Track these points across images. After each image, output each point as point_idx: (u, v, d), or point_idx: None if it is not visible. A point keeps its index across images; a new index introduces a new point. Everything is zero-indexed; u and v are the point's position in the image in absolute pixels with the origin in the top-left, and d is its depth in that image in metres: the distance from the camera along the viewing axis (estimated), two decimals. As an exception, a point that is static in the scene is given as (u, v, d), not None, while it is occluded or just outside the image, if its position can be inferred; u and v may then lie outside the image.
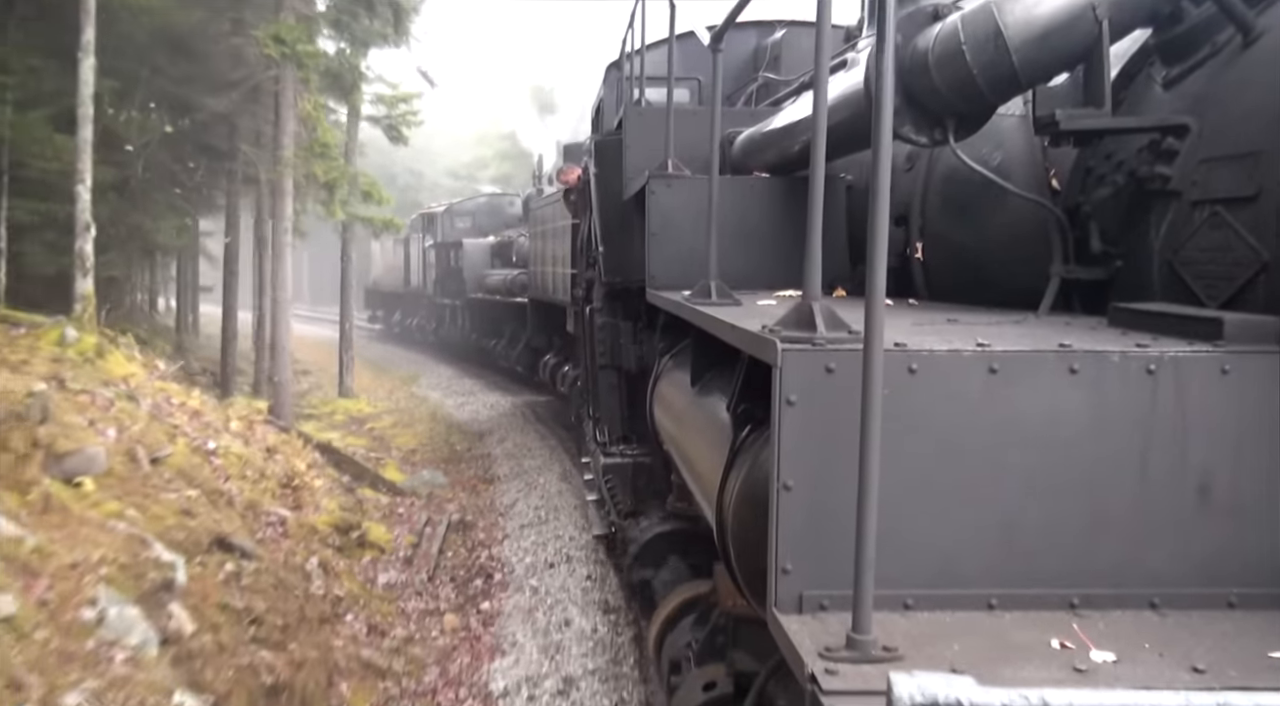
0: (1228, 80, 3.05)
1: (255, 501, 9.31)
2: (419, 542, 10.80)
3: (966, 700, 1.61)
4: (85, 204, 11.54)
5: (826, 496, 2.30)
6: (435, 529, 11.34)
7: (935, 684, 1.64)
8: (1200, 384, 2.36)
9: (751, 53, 8.86)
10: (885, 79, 2.20)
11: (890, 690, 1.63)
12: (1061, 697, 1.60)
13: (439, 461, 15.61)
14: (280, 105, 16.40)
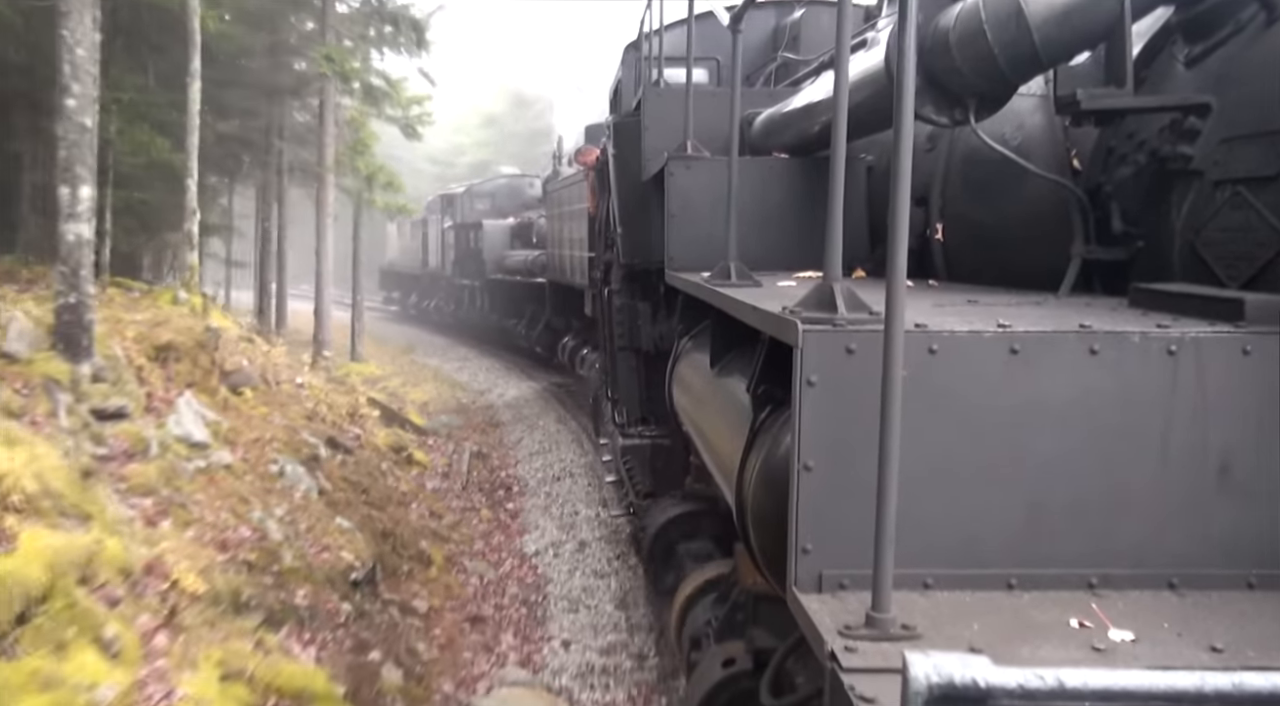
0: (1250, 58, 3.03)
1: (337, 421, 12.62)
2: (450, 464, 13.70)
3: (983, 680, 1.61)
4: (193, 195, 13.58)
5: (846, 476, 2.31)
6: (461, 454, 14.30)
7: (951, 664, 1.63)
8: (1221, 364, 2.36)
9: (771, 33, 8.81)
10: (907, 59, 2.20)
11: (905, 670, 1.63)
12: (1077, 677, 1.61)
13: (449, 411, 18.30)
14: (324, 111, 19.23)
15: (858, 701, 1.86)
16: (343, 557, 7.90)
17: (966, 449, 2.35)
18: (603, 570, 9.30)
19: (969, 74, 3.41)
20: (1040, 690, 1.59)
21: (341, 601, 7.18)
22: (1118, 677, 1.63)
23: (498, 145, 52.65)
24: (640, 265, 7.09)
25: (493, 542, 10.47)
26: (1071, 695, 1.61)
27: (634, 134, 6.79)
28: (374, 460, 11.63)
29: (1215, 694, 1.60)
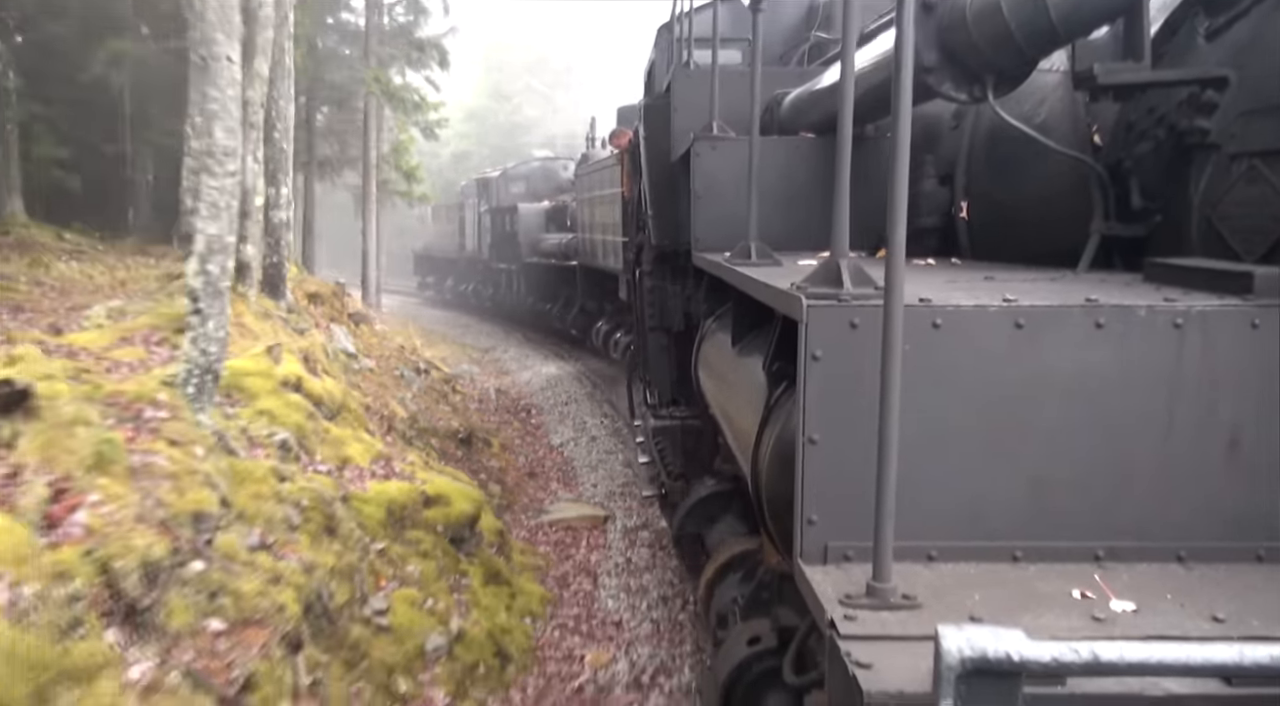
0: (1269, 31, 3.00)
1: (407, 358, 16.48)
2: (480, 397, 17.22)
3: (1016, 653, 1.61)
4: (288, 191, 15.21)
5: (851, 449, 2.34)
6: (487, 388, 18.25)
7: (984, 637, 1.62)
8: (1229, 338, 2.36)
9: (805, 12, 8.76)
10: (905, 36, 2.21)
11: (938, 643, 1.64)
12: (1113, 650, 1.60)
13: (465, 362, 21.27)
14: (368, 119, 24.55)
15: (854, 667, 1.90)
16: (452, 424, 12.65)
17: (971, 422, 2.37)
18: (612, 449, 13.29)
19: (987, 50, 3.41)
20: (1075, 663, 1.59)
21: (456, 449, 11.55)
22: (1153, 650, 1.62)
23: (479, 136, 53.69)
24: (670, 247, 7.12)
25: (527, 440, 14.46)
26: (1106, 668, 1.61)
27: (664, 115, 6.80)
28: (440, 385, 15.88)
29: (1255, 666, 1.59)
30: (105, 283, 13.15)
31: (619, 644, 7.01)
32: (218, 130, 7.00)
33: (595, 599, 7.98)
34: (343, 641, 5.35)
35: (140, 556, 4.41)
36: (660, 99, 7.31)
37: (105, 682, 3.79)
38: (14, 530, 4.05)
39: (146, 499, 4.89)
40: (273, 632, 4.75)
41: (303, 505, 6.17)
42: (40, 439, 4.87)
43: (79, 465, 4.80)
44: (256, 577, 5.01)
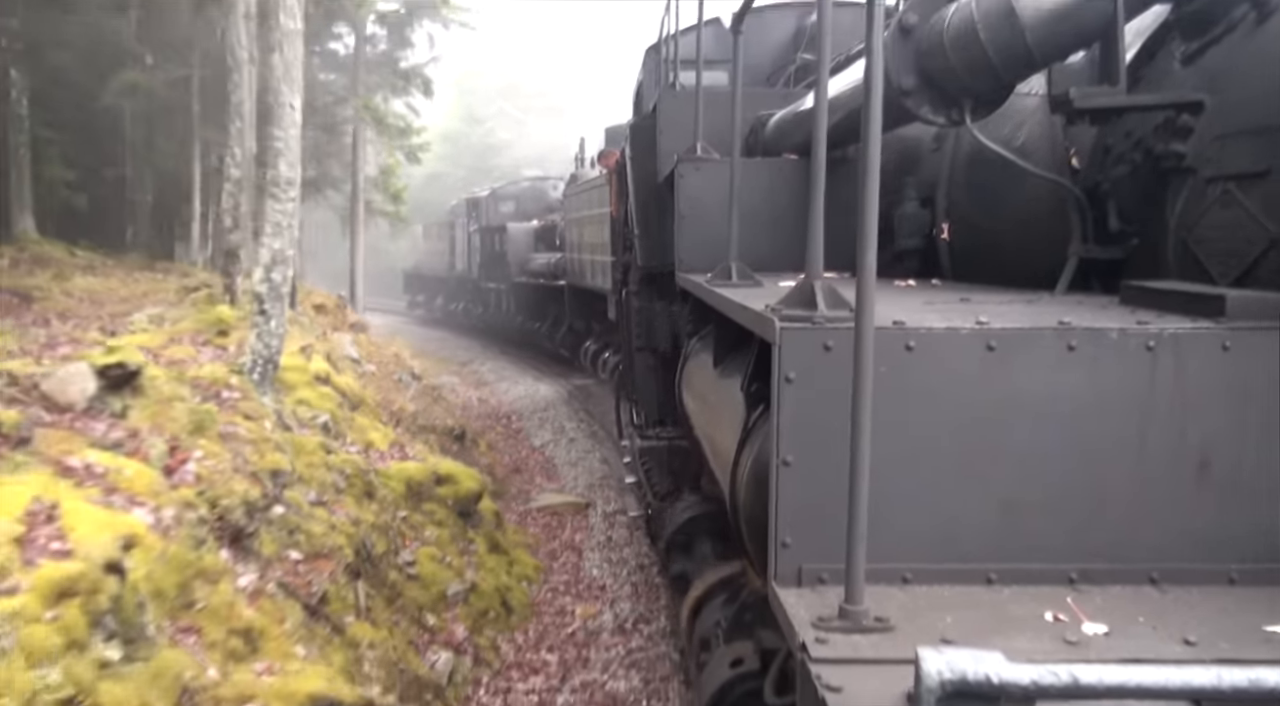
0: (1243, 56, 3.03)
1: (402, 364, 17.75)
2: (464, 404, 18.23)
3: (995, 676, 1.60)
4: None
5: (826, 472, 2.34)
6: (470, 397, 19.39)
7: (964, 660, 1.62)
8: (1201, 360, 2.37)
9: (792, 34, 8.81)
10: (874, 58, 2.23)
11: (918, 665, 1.64)
12: (1092, 673, 1.60)
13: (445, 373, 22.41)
14: (356, 143, 25.23)
15: (824, 691, 1.90)
16: (446, 422, 13.77)
17: (945, 445, 2.38)
18: (589, 449, 14.43)
19: (964, 74, 3.44)
20: (1054, 686, 1.58)
21: (451, 444, 12.48)
22: (1131, 673, 1.61)
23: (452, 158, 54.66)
24: (657, 267, 7.13)
25: (510, 441, 15.56)
26: (1085, 691, 1.60)
27: (650, 136, 6.84)
28: (430, 390, 17.10)
29: (1232, 689, 1.59)
30: (127, 294, 14.17)
31: (604, 601, 8.22)
32: (281, 164, 8.42)
33: (581, 568, 9.18)
34: (383, 582, 6.72)
35: (240, 497, 5.84)
36: (647, 120, 7.34)
37: (224, 585, 5.15)
38: (148, 473, 5.46)
39: (236, 457, 6.36)
40: (337, 564, 6.15)
41: (346, 473, 7.62)
42: (148, 410, 6.29)
43: (182, 430, 6.26)
44: (319, 524, 6.44)
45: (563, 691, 6.59)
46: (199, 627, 4.77)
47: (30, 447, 5.23)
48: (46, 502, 4.59)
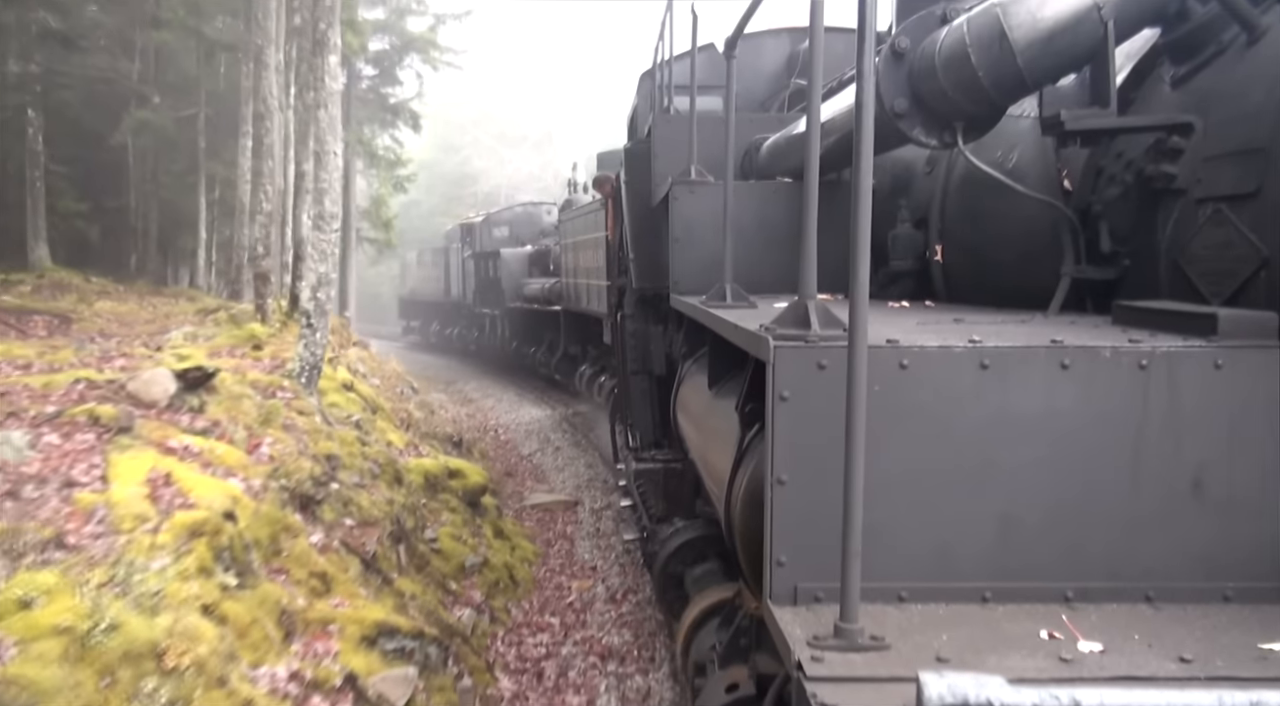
0: (1232, 78, 3.07)
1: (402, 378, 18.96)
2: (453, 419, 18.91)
3: (997, 700, 1.60)
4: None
5: (820, 490, 2.34)
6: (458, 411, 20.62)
7: (965, 683, 1.61)
8: (1193, 379, 2.38)
9: (785, 59, 8.88)
10: (866, 81, 2.25)
11: (920, 690, 1.63)
12: (1093, 696, 1.59)
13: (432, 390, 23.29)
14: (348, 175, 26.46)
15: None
16: (446, 430, 15.06)
17: (939, 463, 2.38)
18: (574, 456, 15.51)
19: (955, 96, 3.46)
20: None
21: (451, 449, 13.26)
22: (1133, 696, 1.60)
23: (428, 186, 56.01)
24: (651, 290, 7.15)
25: (500, 450, 16.48)
26: None
27: (645, 160, 6.87)
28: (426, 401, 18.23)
29: None
30: (150, 316, 15.43)
31: (596, 578, 9.40)
32: (326, 201, 10.32)
33: (574, 553, 10.41)
34: (414, 553, 7.92)
35: (307, 473, 7.21)
36: (641, 144, 7.38)
37: (301, 540, 6.37)
38: (235, 452, 6.91)
39: (298, 442, 7.84)
40: (382, 530, 7.45)
41: (379, 463, 8.95)
42: (222, 406, 7.71)
43: (253, 421, 7.78)
44: (365, 500, 7.71)
45: (565, 644, 7.77)
46: (287, 569, 6.03)
47: (133, 433, 6.50)
48: (161, 471, 5.97)
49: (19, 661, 3.84)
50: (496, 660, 7.29)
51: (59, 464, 5.76)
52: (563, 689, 6.95)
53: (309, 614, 5.69)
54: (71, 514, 5.11)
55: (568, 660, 7.40)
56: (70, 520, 5.06)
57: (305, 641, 5.50)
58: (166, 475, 5.90)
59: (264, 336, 12.15)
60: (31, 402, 7.02)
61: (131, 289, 19.74)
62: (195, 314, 15.52)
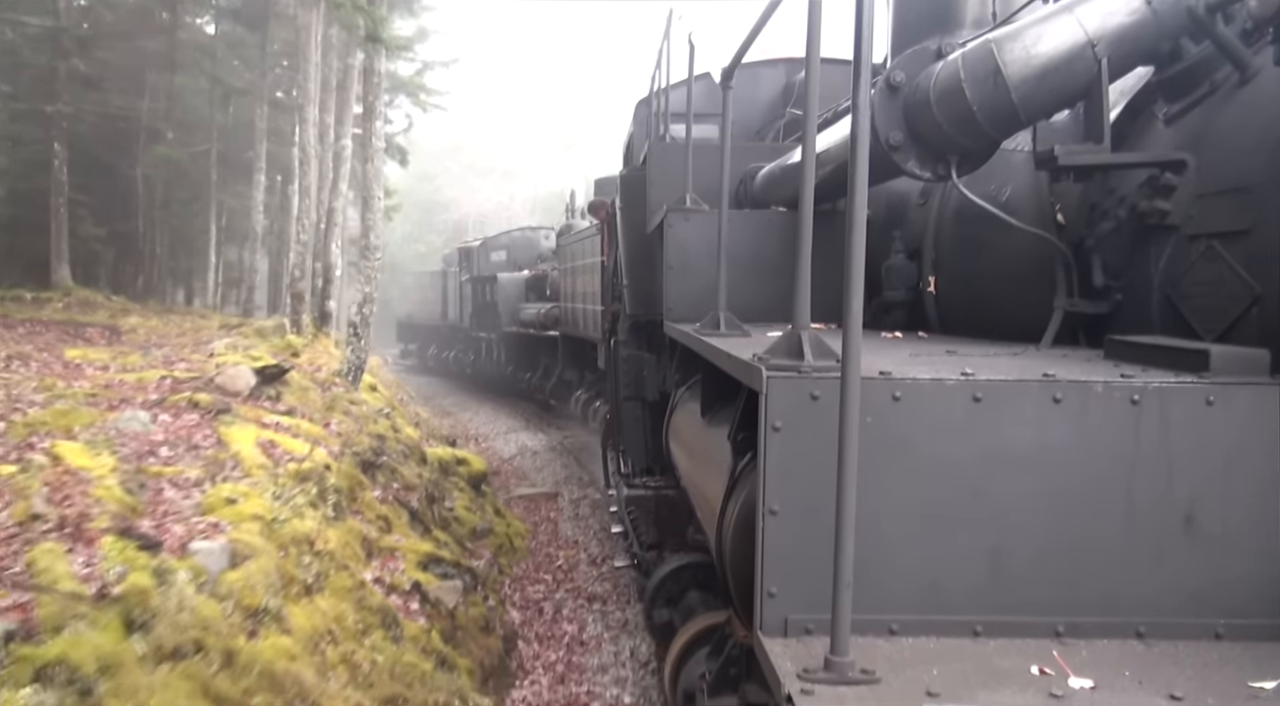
0: (1224, 117, 3.09)
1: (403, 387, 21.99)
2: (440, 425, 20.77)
3: None
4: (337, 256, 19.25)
5: (812, 521, 2.34)
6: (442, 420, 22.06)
7: None
8: (1185, 414, 2.38)
9: (781, 89, 8.94)
10: (860, 115, 2.26)
11: None
12: None
13: None
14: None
15: None
16: (445, 433, 16.96)
17: (931, 495, 2.38)
18: (553, 460, 17.37)
19: (950, 130, 3.48)
20: None
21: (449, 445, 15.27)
22: None
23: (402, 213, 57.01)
24: (645, 316, 7.15)
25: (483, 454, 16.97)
26: None
27: (640, 187, 6.89)
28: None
29: None
30: (180, 329, 16.91)
31: (578, 549, 11.58)
32: (371, 235, 13.65)
33: (559, 531, 12.56)
34: (439, 515, 10.15)
35: (367, 446, 9.76)
36: (637, 171, 7.41)
37: (368, 493, 8.55)
38: (315, 428, 9.19)
39: (356, 424, 10.51)
40: (419, 493, 9.82)
41: (408, 446, 11.52)
42: (294, 396, 10.14)
43: (320, 408, 10.29)
44: (405, 471, 10.15)
45: (558, 592, 9.87)
46: (361, 511, 8.12)
47: (231, 413, 8.36)
48: (265, 438, 8.02)
49: (234, 532, 5.91)
50: (505, 599, 9.35)
51: (179, 434, 7.57)
52: (559, 620, 9.02)
53: (380, 543, 7.81)
54: (208, 463, 7.01)
55: (561, 601, 9.56)
56: (209, 467, 6.98)
57: (380, 560, 7.52)
58: (270, 441, 8.07)
59: (300, 346, 14.63)
60: (135, 393, 8.81)
61: (145, 307, 21.48)
62: (219, 329, 17.10)
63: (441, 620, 7.25)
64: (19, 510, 5.28)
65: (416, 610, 7.12)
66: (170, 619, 4.76)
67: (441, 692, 6.07)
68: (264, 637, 5.26)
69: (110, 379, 9.61)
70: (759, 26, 3.63)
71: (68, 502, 5.55)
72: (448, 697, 6.08)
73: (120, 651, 4.38)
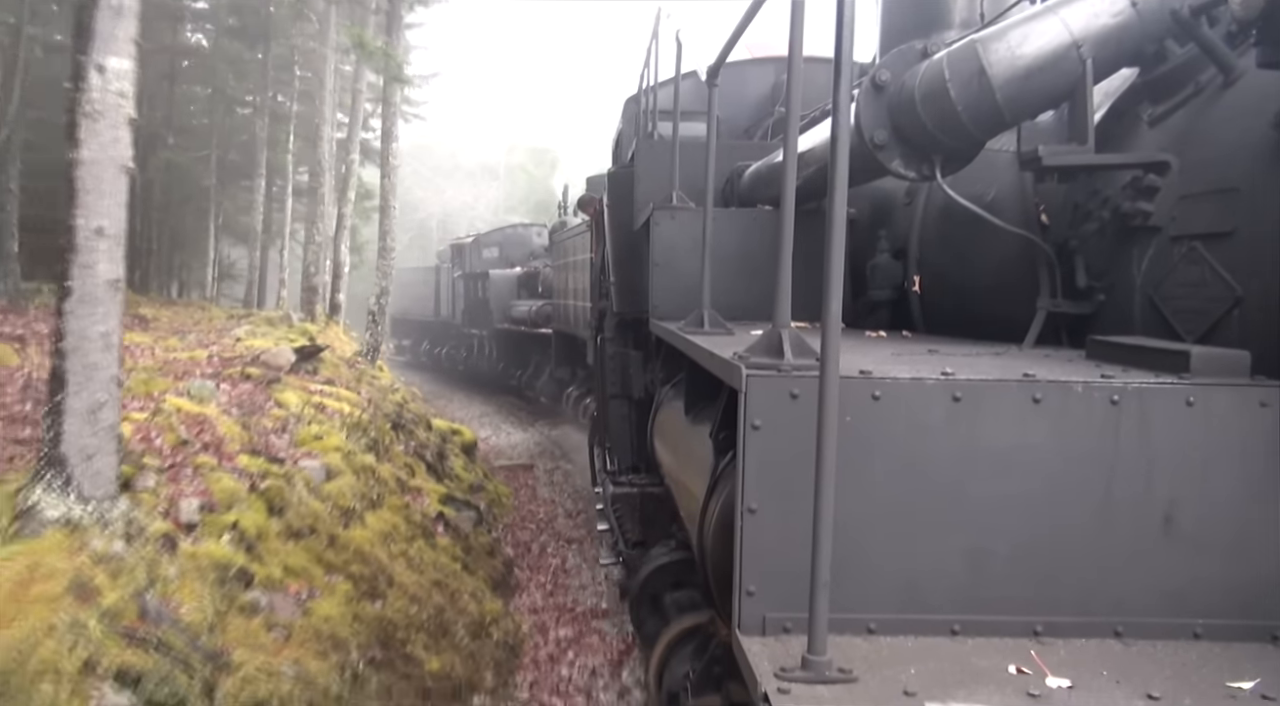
0: (1208, 118, 3.09)
1: None
2: None
3: None
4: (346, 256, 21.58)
5: (791, 520, 2.33)
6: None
7: None
8: (1165, 415, 2.39)
9: (770, 88, 8.94)
10: (841, 114, 2.26)
11: None
12: None
13: None
14: None
15: None
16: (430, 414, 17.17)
17: (910, 494, 2.38)
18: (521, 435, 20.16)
19: (934, 130, 3.48)
20: None
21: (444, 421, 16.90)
22: None
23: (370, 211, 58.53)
24: (632, 314, 7.14)
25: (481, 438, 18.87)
26: None
27: (628, 185, 6.88)
28: None
29: None
30: (195, 320, 18.43)
31: (554, 506, 14.04)
32: (389, 238, 16.42)
33: (536, 494, 15.00)
34: (445, 470, 12.43)
35: (393, 407, 12.45)
36: (625, 169, 7.40)
37: (396, 446, 11.09)
38: (351, 393, 11.49)
39: (379, 393, 12.85)
40: (432, 450, 12.46)
41: (417, 415, 13.91)
42: (328, 370, 12.33)
43: (351, 379, 12.48)
44: (418, 432, 12.77)
45: (541, 536, 12.27)
46: (392, 459, 10.38)
47: (281, 383, 10.33)
48: (315, 402, 10.16)
49: (326, 459, 8.26)
50: (501, 539, 11.50)
51: (243, 397, 9.35)
52: (545, 556, 11.42)
53: (409, 483, 10.12)
54: (277, 417, 8.94)
55: (545, 543, 12.00)
56: (283, 418, 8.97)
57: (410, 496, 9.78)
58: (320, 402, 10.25)
59: (315, 332, 16.46)
60: (192, 368, 10.41)
61: (149, 300, 22.90)
62: (228, 319, 19.02)
63: (460, 540, 9.71)
64: (171, 438, 7.44)
65: (442, 532, 9.60)
66: (295, 509, 7.14)
67: (467, 586, 8.51)
68: (353, 529, 7.73)
69: (163, 358, 11.16)
70: (743, 24, 3.62)
71: (202, 435, 7.83)
72: (473, 589, 8.53)
73: (266, 525, 6.72)
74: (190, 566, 5.71)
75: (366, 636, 6.44)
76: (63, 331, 5.47)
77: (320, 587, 6.64)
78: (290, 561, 6.45)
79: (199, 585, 5.57)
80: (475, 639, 7.73)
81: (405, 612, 7.18)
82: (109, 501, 5.44)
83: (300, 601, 6.36)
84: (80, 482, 5.32)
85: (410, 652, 6.76)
